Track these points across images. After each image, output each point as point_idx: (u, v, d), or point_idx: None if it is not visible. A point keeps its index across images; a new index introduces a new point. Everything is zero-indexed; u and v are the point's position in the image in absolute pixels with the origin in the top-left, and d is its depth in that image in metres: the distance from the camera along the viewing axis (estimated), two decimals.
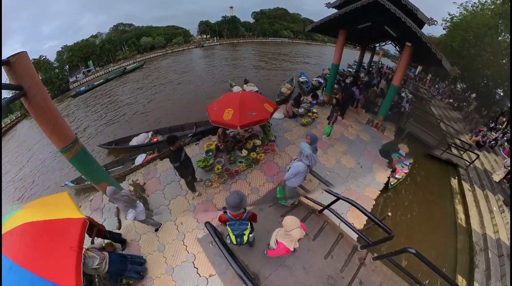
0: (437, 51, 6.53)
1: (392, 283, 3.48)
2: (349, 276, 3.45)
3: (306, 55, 40.78)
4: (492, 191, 9.59)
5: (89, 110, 16.47)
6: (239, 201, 2.74)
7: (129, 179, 6.24)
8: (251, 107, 5.70)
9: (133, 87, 19.98)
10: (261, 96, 6.66)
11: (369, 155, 8.08)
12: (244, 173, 6.08)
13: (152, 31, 56.00)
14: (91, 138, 11.87)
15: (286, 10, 75.64)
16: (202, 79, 20.22)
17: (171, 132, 9.66)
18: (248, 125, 5.50)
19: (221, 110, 5.68)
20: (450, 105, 17.60)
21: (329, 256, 3.68)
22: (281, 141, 7.56)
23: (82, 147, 3.95)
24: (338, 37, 9.65)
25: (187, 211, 5.05)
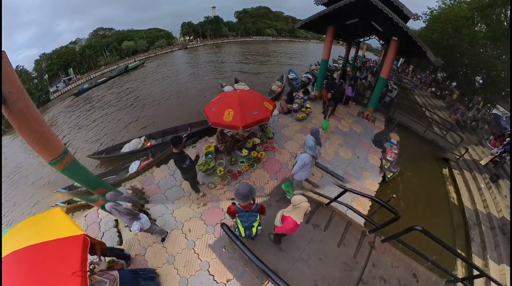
0: (422, 45, 6.86)
1: (401, 261, 3.71)
2: (363, 260, 3.61)
3: (291, 52, 41.12)
4: (479, 172, 10.10)
5: (74, 118, 15.75)
6: (249, 191, 2.73)
7: (124, 185, 5.98)
8: (251, 107, 5.56)
9: (120, 93, 19.24)
10: (259, 94, 6.55)
11: (363, 145, 8.29)
12: (247, 173, 6.01)
13: (133, 34, 54.49)
14: (78, 150, 11.21)
15: (269, 8, 75.96)
16: (189, 81, 19.96)
17: (164, 135, 9.43)
18: (251, 125, 5.40)
19: (221, 111, 5.49)
20: (433, 93, 18.35)
21: (341, 244, 3.82)
22: (279, 137, 7.57)
23: (73, 158, 3.65)
24: (327, 33, 9.77)
25: (193, 217, 4.82)
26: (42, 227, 2.44)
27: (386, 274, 3.52)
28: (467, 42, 13.63)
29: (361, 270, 3.49)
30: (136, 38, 52.74)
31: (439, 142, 10.73)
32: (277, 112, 9.31)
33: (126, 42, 50.14)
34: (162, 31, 58.25)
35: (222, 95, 6.49)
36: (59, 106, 18.92)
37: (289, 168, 6.33)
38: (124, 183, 6.34)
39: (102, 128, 12.89)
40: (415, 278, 3.55)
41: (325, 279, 3.43)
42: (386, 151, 8.46)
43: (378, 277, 3.47)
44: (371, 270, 3.52)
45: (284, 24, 76.54)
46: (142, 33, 54.84)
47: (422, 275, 3.62)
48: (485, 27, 13.06)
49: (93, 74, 35.37)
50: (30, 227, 2.47)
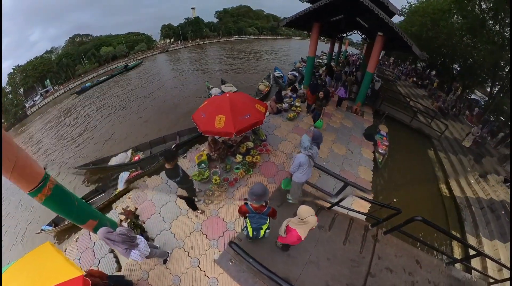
0: (408, 39, 6.94)
1: (404, 250, 3.87)
2: (368, 255, 3.70)
3: (274, 50, 40.91)
4: (464, 155, 10.45)
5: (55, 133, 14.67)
6: (264, 192, 2.69)
7: (116, 207, 5.49)
8: (243, 110, 5.28)
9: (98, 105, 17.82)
10: (249, 96, 6.29)
11: (355, 140, 8.29)
12: (244, 180, 5.75)
13: (112, 39, 52.27)
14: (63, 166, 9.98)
15: (249, 7, 75.27)
16: (173, 86, 18.87)
17: (152, 147, 8.86)
18: (244, 130, 5.14)
19: (211, 118, 5.18)
20: (414, 83, 18.87)
21: (346, 241, 3.88)
22: (272, 139, 7.38)
23: (56, 183, 3.11)
24: (312, 30, 9.68)
25: (194, 232, 4.56)
26: (37, 271, 2.27)
27: (392, 265, 3.63)
28: (445, 33, 14.11)
29: (368, 264, 3.58)
30: (115, 43, 50.56)
31: (425, 130, 10.97)
32: (267, 113, 9.13)
33: (104, 48, 47.93)
34: (141, 34, 56.21)
35: (210, 100, 6.12)
36: (38, 121, 17.57)
37: (286, 170, 6.18)
38: (115, 204, 5.84)
39: (87, 142, 12.03)
40: (418, 264, 3.69)
41: (335, 278, 3.46)
42: (377, 144, 8.52)
43: (384, 269, 3.56)
44: (377, 263, 3.61)
45: (265, 23, 76.24)
46: (121, 37, 52.71)
47: (424, 260, 3.78)
48: (461, 19, 13.50)
49: (72, 84, 33.53)
50: (25, 272, 2.27)
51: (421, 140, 10.93)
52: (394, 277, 3.47)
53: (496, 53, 11.41)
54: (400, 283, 3.42)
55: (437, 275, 3.62)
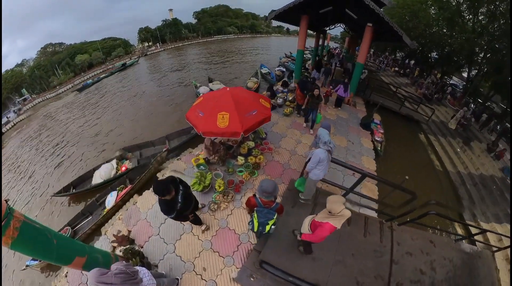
0: (398, 29, 6.77)
1: (418, 234, 4.10)
2: (388, 243, 3.79)
3: (255, 47, 40.33)
4: (452, 137, 10.65)
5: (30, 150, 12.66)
6: (274, 188, 2.62)
7: (106, 231, 4.56)
8: (248, 106, 4.59)
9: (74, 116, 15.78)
10: (250, 91, 5.73)
11: (353, 130, 8.07)
12: (250, 182, 5.23)
13: (87, 47, 49.16)
14: (38, 192, 8.13)
15: (228, 6, 73.79)
16: (156, 89, 17.40)
17: (141, 155, 7.74)
18: (252, 129, 4.51)
19: (211, 116, 4.42)
20: (396, 72, 19.20)
21: (366, 233, 3.89)
22: (272, 136, 6.92)
23: (23, 220, 2.25)
24: (301, 23, 9.28)
25: (203, 251, 3.88)
26: None
27: (410, 248, 3.77)
28: (423, 24, 14.54)
29: (389, 252, 3.65)
30: (91, 51, 47.53)
31: (414, 115, 11.05)
32: None
33: (79, 56, 44.88)
34: (118, 39, 53.29)
35: (207, 96, 5.37)
36: (15, 138, 15.81)
37: (291, 167, 5.78)
38: (104, 227, 4.84)
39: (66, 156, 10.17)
40: (432, 244, 3.92)
41: (363, 273, 3.43)
42: (374, 132, 8.39)
43: (405, 254, 3.67)
44: (398, 249, 3.71)
45: (244, 21, 75.22)
46: (96, 44, 49.64)
47: (436, 239, 4.06)
48: (438, 10, 14.04)
49: (48, 95, 31.02)
50: None
51: (412, 125, 11.04)
52: (415, 260, 3.61)
53: (472, 40, 11.81)
54: (421, 265, 3.56)
55: (450, 251, 3.88)
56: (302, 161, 5.98)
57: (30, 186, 8.50)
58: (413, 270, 3.51)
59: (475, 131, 11.52)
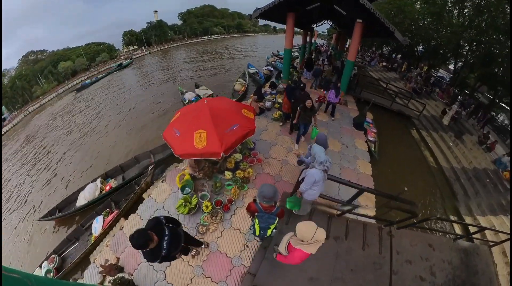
0: (390, 25, 6.36)
1: (416, 238, 3.94)
2: (387, 253, 3.61)
3: (243, 47, 39.53)
4: (443, 131, 10.44)
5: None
6: (274, 194, 2.51)
7: (95, 259, 4.23)
8: (228, 120, 4.08)
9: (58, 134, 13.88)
10: (232, 101, 5.10)
11: (346, 131, 7.63)
12: (239, 200, 4.75)
13: (70, 53, 46.87)
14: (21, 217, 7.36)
15: (213, 6, 72.13)
16: (140, 97, 16.07)
17: (125, 171, 7.21)
18: (233, 146, 3.98)
19: (188, 135, 3.89)
20: (384, 67, 18.94)
21: (365, 245, 3.70)
22: (261, 145, 6.36)
23: (2, 273, 1.78)
24: (287, 20, 8.68)
25: (195, 277, 3.62)
26: None
27: (409, 256, 3.64)
28: (409, 18, 14.62)
29: (389, 263, 3.53)
30: (74, 57, 45.29)
31: (405, 111, 10.76)
32: None
33: (62, 63, 42.59)
34: (102, 44, 51.10)
35: (184, 110, 4.73)
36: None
37: (283, 179, 5.29)
38: (92, 255, 4.49)
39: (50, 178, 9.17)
40: (431, 248, 3.79)
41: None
42: (367, 132, 8.00)
43: (404, 262, 3.56)
44: (397, 258, 3.58)
45: (230, 21, 73.77)
46: (80, 49, 47.45)
47: (435, 242, 3.90)
48: (424, 4, 14.11)
49: (31, 107, 29.21)
50: None
51: (403, 121, 10.77)
52: (415, 268, 3.52)
53: (458, 34, 11.85)
54: (420, 272, 3.47)
55: (449, 252, 3.78)
56: (294, 171, 5.49)
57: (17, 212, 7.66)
58: (413, 278, 3.45)
59: (465, 123, 11.38)
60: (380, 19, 6.16)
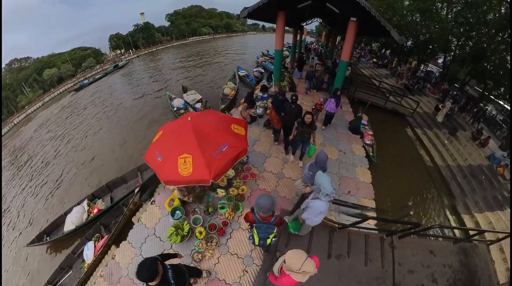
0: (386, 24, 6.01)
1: (417, 246, 3.83)
2: (390, 266, 3.50)
3: (232, 47, 38.71)
4: (437, 128, 10.28)
5: None
6: (271, 205, 2.46)
7: None
8: (216, 140, 3.50)
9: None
10: (220, 114, 4.48)
11: (343, 137, 7.27)
12: (234, 221, 4.35)
13: (55, 59, 44.77)
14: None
15: (201, 6, 70.29)
16: (127, 105, 14.69)
17: (112, 190, 6.67)
18: (224, 171, 3.46)
19: (171, 161, 3.33)
20: (375, 64, 18.71)
21: (367, 261, 3.59)
22: (255, 158, 5.88)
23: None
24: (278, 20, 8.15)
25: None
26: None
27: (411, 265, 3.57)
28: (399, 15, 14.63)
29: (391, 276, 3.44)
30: (59, 63, 43.33)
31: (399, 109, 10.53)
32: None
33: (47, 70, 40.63)
34: (88, 49, 48.96)
35: (166, 128, 4.12)
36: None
37: (280, 195, 4.89)
38: (87, 285, 4.18)
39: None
40: (432, 254, 3.73)
41: None
42: (364, 135, 7.68)
43: (406, 273, 3.49)
44: (400, 270, 3.50)
45: (219, 21, 72.27)
46: (65, 55, 45.39)
47: (435, 248, 3.83)
48: (412, 1, 14.26)
49: (16, 119, 27.66)
50: None
51: (398, 120, 10.55)
52: (417, 277, 3.46)
53: (448, 30, 11.83)
54: (422, 280, 3.42)
55: (449, 256, 3.75)
56: (291, 185, 5.10)
57: None
58: None
59: (458, 118, 11.27)
60: (376, 17, 5.78)
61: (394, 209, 5.73)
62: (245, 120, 4.73)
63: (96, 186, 7.02)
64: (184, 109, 10.03)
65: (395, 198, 6.40)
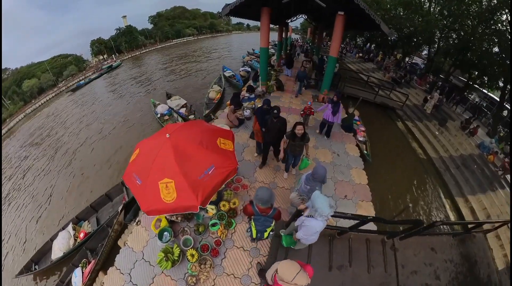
0: (376, 17, 5.68)
1: (418, 245, 3.69)
2: (393, 270, 3.40)
3: (216, 48, 37.77)
4: (428, 120, 10.17)
5: None
6: (270, 197, 2.45)
7: None
8: (200, 162, 3.03)
9: None
10: (204, 127, 3.88)
11: (336, 136, 6.92)
12: (227, 239, 3.94)
13: (35, 69, 42.51)
14: None
15: (184, 7, 68.51)
16: (113, 114, 13.40)
17: (97, 210, 6.12)
18: (212, 194, 3.04)
19: (151, 186, 2.88)
20: (361, 58, 18.54)
21: (370, 267, 3.42)
22: (245, 167, 5.40)
23: None
24: (262, 16, 7.67)
25: None
26: None
27: (414, 266, 3.50)
28: (383, 9, 14.53)
29: (395, 280, 3.34)
30: (39, 73, 41.04)
31: (389, 103, 10.35)
32: (227, 128, 6.96)
33: (27, 81, 38.47)
34: (69, 56, 46.60)
35: (143, 147, 3.55)
36: None
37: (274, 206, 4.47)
38: None
39: None
40: (433, 251, 3.66)
41: None
42: (356, 132, 7.39)
43: (410, 274, 3.41)
44: (403, 272, 3.40)
45: (203, 21, 70.71)
46: (45, 64, 43.03)
47: (436, 244, 3.74)
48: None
49: None
50: None
51: (388, 114, 10.37)
52: (420, 277, 3.40)
53: (432, 23, 11.86)
54: (426, 279, 3.37)
55: (449, 251, 3.71)
56: (284, 194, 4.72)
57: None
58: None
59: (446, 108, 11.24)
60: (366, 10, 5.44)
61: (394, 213, 5.46)
62: (232, 132, 4.19)
63: (79, 206, 6.37)
64: (169, 115, 9.43)
65: (392, 196, 6.17)
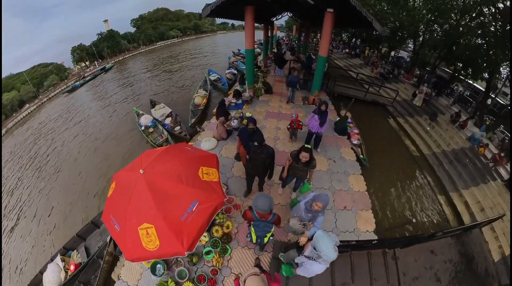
0: (367, 14, 5.36)
1: (418, 251, 3.60)
2: (395, 279, 3.31)
3: (201, 49, 36.66)
4: (419, 115, 10.06)
5: None
6: (269, 205, 2.40)
7: None
8: (181, 198, 2.57)
9: None
10: (180, 152, 3.25)
11: (330, 141, 6.58)
12: (224, 266, 3.58)
13: (14, 80, 40.12)
14: None
15: (167, 9, 66.31)
16: (97, 125, 12.25)
17: (85, 238, 5.52)
18: (200, 235, 2.56)
19: (130, 232, 2.46)
20: (348, 54, 18.30)
21: (372, 281, 3.32)
22: (235, 185, 4.91)
23: None
24: (246, 16, 7.16)
25: None
26: None
27: (415, 272, 3.44)
28: (368, 5, 14.27)
29: None
30: (18, 85, 38.74)
31: (379, 100, 10.14)
32: (215, 142, 6.30)
33: (6, 94, 36.16)
34: (50, 64, 44.27)
35: (118, 181, 2.99)
36: None
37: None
38: None
39: None
40: (433, 254, 3.60)
41: None
42: (350, 135, 7.08)
43: (411, 281, 3.35)
44: (405, 280, 3.33)
45: (187, 22, 68.81)
46: (24, 75, 40.67)
47: (436, 246, 3.67)
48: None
49: None
50: None
51: (379, 111, 10.15)
52: (422, 282, 3.36)
53: (416, 17, 11.90)
54: (427, 283, 3.34)
55: (448, 251, 3.67)
56: (282, 212, 4.31)
57: None
58: None
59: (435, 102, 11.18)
60: (357, 7, 5.09)
61: (396, 225, 5.22)
62: (216, 156, 3.61)
63: (64, 236, 5.70)
64: (153, 127, 8.76)
65: (391, 200, 5.89)
